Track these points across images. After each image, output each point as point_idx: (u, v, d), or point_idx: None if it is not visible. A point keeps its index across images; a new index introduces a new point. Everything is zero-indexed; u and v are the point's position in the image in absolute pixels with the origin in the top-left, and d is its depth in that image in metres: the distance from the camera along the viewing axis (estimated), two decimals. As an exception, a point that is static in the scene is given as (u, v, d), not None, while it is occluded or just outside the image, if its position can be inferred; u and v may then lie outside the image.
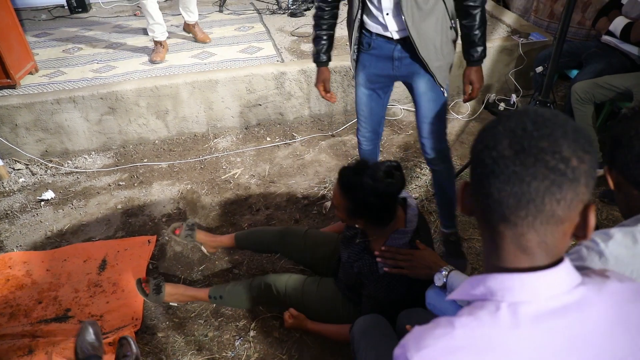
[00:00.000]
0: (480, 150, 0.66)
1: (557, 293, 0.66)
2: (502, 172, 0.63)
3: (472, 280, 0.73)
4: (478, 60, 1.81)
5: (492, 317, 0.66)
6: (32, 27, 4.00)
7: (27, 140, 2.95)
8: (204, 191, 2.69)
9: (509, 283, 0.67)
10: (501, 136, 0.64)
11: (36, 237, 2.45)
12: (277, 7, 4.20)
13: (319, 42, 1.94)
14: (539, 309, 0.65)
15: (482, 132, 0.68)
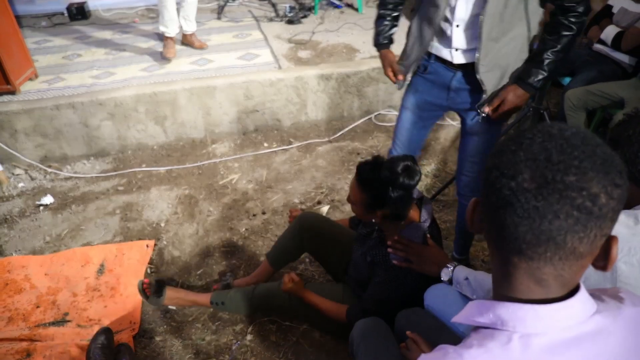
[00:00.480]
0: (496, 177, 0.60)
1: (571, 324, 0.63)
2: (521, 207, 0.58)
3: (479, 306, 0.70)
4: (530, 85, 1.55)
5: (503, 350, 0.62)
6: (32, 33, 4.03)
7: (27, 145, 2.97)
8: (202, 196, 2.72)
9: (522, 314, 0.63)
10: (522, 165, 0.58)
11: (35, 242, 2.47)
12: (274, 15, 4.25)
13: (382, 22, 1.78)
14: (552, 340, 0.62)
15: (500, 156, 0.61)
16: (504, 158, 0.61)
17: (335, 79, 3.21)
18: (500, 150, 0.62)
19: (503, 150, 0.62)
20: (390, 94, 3.38)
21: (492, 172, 0.62)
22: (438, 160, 2.93)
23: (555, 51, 1.50)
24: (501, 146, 0.62)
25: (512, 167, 0.59)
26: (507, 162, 0.60)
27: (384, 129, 3.27)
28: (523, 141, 0.60)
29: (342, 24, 4.04)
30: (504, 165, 0.60)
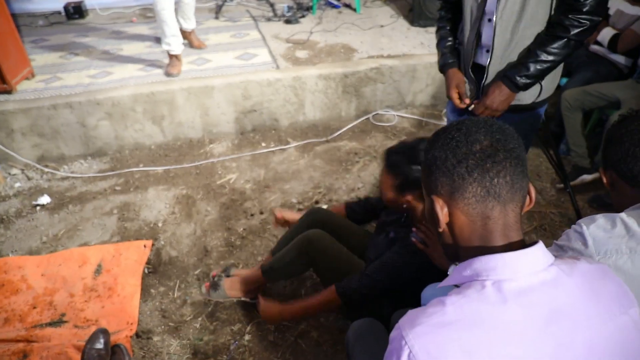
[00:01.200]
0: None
1: (535, 270, 0.75)
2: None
3: (460, 267, 0.81)
4: (513, 84, 1.54)
5: (479, 294, 0.73)
6: (29, 32, 4.02)
7: (24, 145, 2.96)
8: (200, 196, 2.72)
9: (492, 263, 0.76)
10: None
11: (32, 242, 2.46)
12: (272, 15, 4.25)
13: (444, 42, 1.83)
14: (520, 285, 0.73)
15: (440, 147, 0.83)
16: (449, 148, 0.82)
17: (333, 79, 3.21)
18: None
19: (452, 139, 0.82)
20: (388, 94, 3.38)
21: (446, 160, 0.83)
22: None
23: (545, 51, 1.48)
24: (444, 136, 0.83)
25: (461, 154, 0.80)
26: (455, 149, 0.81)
27: (382, 129, 3.28)
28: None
29: (340, 24, 4.05)
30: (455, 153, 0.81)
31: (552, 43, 1.47)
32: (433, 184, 0.83)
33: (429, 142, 0.86)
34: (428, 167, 0.84)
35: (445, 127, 0.85)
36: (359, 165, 2.91)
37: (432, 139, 0.85)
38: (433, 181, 0.82)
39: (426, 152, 0.85)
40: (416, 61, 3.30)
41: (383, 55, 3.42)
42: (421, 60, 3.30)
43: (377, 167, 2.88)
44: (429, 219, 0.88)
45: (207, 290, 2.04)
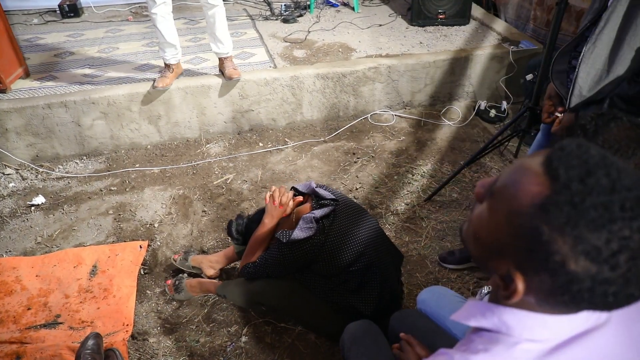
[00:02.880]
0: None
1: (572, 330, 0.64)
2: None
3: (482, 308, 0.69)
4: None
5: (509, 355, 0.64)
6: (23, 31, 3.98)
7: (18, 145, 2.93)
8: (196, 196, 2.69)
9: (530, 323, 0.64)
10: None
11: (26, 243, 2.43)
12: (270, 13, 4.22)
13: None
14: (555, 343, 0.64)
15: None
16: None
17: (331, 79, 3.19)
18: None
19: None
20: (386, 94, 3.37)
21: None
22: (434, 160, 2.92)
23: (621, 97, 1.35)
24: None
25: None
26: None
27: (380, 129, 3.26)
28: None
29: (338, 22, 4.02)
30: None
31: (633, 90, 1.33)
32: (531, 269, 0.59)
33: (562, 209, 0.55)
34: (541, 254, 0.57)
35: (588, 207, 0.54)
36: (357, 166, 2.89)
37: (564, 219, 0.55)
38: (534, 268, 0.59)
39: (550, 232, 0.56)
40: (415, 60, 3.28)
41: (381, 55, 3.40)
42: (420, 60, 3.29)
43: (375, 167, 2.87)
44: (477, 260, 0.70)
45: (170, 290, 2.08)
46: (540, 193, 0.56)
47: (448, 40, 3.62)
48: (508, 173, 0.63)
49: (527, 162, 0.61)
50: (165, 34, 2.80)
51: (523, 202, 0.58)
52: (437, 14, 3.86)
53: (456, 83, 3.44)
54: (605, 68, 1.36)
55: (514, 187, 0.60)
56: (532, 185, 0.57)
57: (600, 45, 1.35)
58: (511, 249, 0.61)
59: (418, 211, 2.51)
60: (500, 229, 0.62)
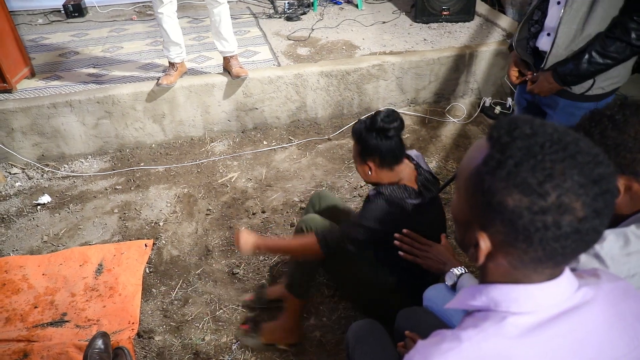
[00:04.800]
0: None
1: (559, 301, 0.68)
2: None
3: (472, 290, 0.73)
4: (560, 78, 1.57)
5: (498, 329, 0.67)
6: (28, 31, 4.00)
7: (24, 144, 2.94)
8: (201, 195, 2.70)
9: (515, 294, 0.68)
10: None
11: (32, 242, 2.44)
12: (273, 12, 4.22)
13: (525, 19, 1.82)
14: (542, 317, 0.67)
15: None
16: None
17: (335, 76, 3.19)
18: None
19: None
20: (390, 92, 3.36)
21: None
22: (439, 157, 2.91)
23: (600, 53, 1.43)
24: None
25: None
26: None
27: (384, 126, 3.25)
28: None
29: (342, 20, 4.01)
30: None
31: (610, 46, 1.41)
32: (488, 221, 0.66)
33: (493, 158, 0.64)
34: (487, 201, 0.65)
35: (522, 155, 0.62)
36: (362, 163, 2.89)
37: (506, 171, 0.63)
38: (489, 220, 0.66)
39: (489, 177, 0.64)
40: (419, 57, 3.27)
41: (385, 52, 3.39)
42: (424, 57, 3.27)
43: (379, 165, 2.86)
44: (460, 242, 0.77)
45: (244, 332, 1.93)
46: (482, 153, 0.67)
47: (452, 36, 3.61)
48: (465, 155, 0.74)
49: (477, 141, 0.72)
50: (170, 33, 2.80)
51: (471, 166, 0.68)
52: (441, 11, 3.84)
53: (461, 80, 3.43)
54: (580, 27, 1.47)
55: (467, 159, 0.71)
56: (478, 151, 0.68)
57: (576, 7, 1.46)
58: (472, 212, 0.69)
59: (423, 209, 2.50)
60: (462, 199, 0.71)
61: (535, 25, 1.65)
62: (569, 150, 0.61)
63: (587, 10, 1.45)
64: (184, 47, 2.95)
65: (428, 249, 1.49)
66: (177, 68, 2.99)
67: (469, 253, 0.73)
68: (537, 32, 1.65)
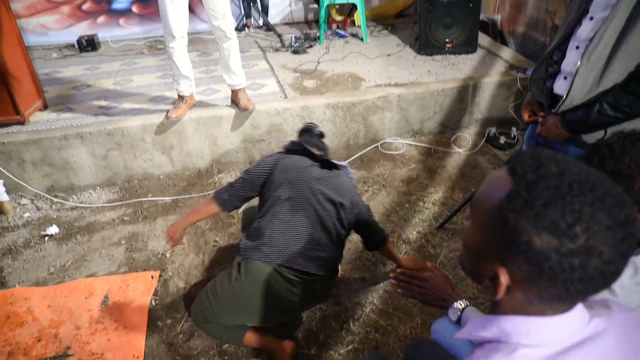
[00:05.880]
0: None
1: (571, 334, 0.68)
2: None
3: (482, 321, 0.73)
4: (568, 125, 1.52)
5: None
6: (43, 65, 4.11)
7: (34, 175, 2.98)
8: (208, 226, 2.70)
9: (526, 327, 0.68)
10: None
11: (39, 273, 2.44)
12: (280, 45, 4.32)
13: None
14: (553, 350, 0.66)
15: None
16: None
17: (341, 108, 3.23)
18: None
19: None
20: (396, 122, 3.39)
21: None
22: (445, 188, 2.91)
23: (612, 106, 1.38)
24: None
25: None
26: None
27: (390, 157, 3.27)
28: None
29: (347, 53, 4.10)
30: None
31: (623, 99, 1.37)
32: (509, 257, 0.66)
33: (521, 196, 0.63)
34: (511, 239, 0.64)
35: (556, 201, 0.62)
36: (368, 194, 2.89)
37: (536, 210, 0.62)
38: (511, 256, 0.65)
39: (514, 215, 0.64)
40: (424, 89, 3.32)
41: (390, 84, 3.44)
42: (429, 88, 3.32)
43: (385, 196, 2.86)
44: (470, 270, 0.77)
45: None
46: (504, 188, 0.66)
47: (456, 68, 3.66)
48: (483, 184, 0.73)
49: (495, 171, 0.72)
50: (180, 67, 2.87)
51: (493, 199, 0.67)
52: (444, 43, 3.91)
53: (465, 110, 3.46)
54: (597, 80, 1.44)
55: (486, 190, 0.70)
56: (499, 184, 0.68)
57: (593, 60, 1.42)
58: (490, 245, 0.68)
59: (430, 239, 2.49)
60: (480, 230, 0.70)
61: (554, 66, 1.59)
62: (596, 192, 0.61)
63: (604, 64, 1.40)
64: (193, 80, 3.01)
65: (425, 285, 1.45)
66: (186, 101, 3.04)
67: (482, 284, 0.72)
68: (554, 72, 1.59)
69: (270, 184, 1.93)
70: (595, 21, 1.43)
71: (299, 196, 1.86)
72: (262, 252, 1.76)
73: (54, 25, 4.68)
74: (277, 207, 1.85)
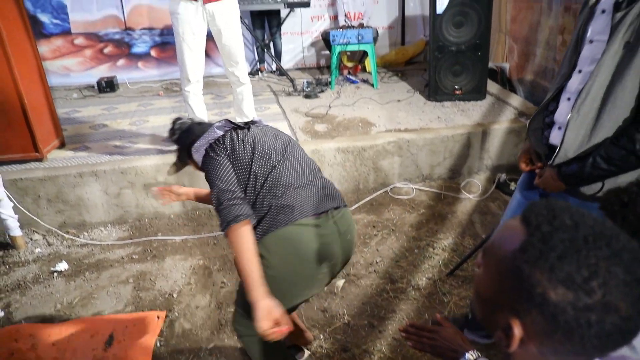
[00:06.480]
0: None
1: None
2: None
3: None
4: (563, 178, 1.51)
5: None
6: (63, 104, 4.25)
7: (48, 211, 3.02)
8: (216, 267, 2.69)
9: None
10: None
11: (45, 309, 2.44)
12: (292, 89, 4.44)
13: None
14: None
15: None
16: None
17: (352, 152, 3.27)
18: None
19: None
20: (405, 167, 3.42)
21: None
22: (455, 234, 2.90)
23: (605, 159, 1.40)
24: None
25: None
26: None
27: (400, 202, 3.27)
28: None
29: (358, 98, 4.19)
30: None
31: (614, 153, 1.38)
32: (523, 310, 0.65)
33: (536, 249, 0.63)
34: (526, 290, 0.63)
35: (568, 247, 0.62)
36: (377, 239, 2.88)
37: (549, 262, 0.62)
38: (525, 309, 0.64)
39: (528, 267, 0.63)
40: (433, 135, 3.36)
41: (400, 129, 3.50)
42: (438, 134, 3.37)
43: (395, 241, 2.85)
44: (482, 320, 0.76)
45: None
46: (518, 238, 0.66)
47: (465, 114, 3.72)
48: (495, 233, 0.73)
49: (508, 220, 0.72)
50: (195, 110, 2.95)
51: (507, 249, 0.67)
52: (453, 90, 4.00)
53: (475, 156, 3.49)
54: (588, 133, 1.46)
55: (500, 240, 0.70)
56: (512, 234, 0.67)
57: (583, 113, 1.45)
58: (504, 295, 0.67)
59: (440, 286, 2.46)
60: (493, 280, 0.70)
61: (550, 116, 1.62)
62: (612, 247, 0.61)
63: (595, 117, 1.42)
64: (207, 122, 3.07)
65: (435, 336, 1.42)
66: None
67: (494, 335, 0.71)
68: (551, 122, 1.62)
69: (246, 169, 1.63)
70: (584, 74, 1.48)
71: (274, 158, 1.64)
72: (290, 216, 1.54)
73: (76, 67, 4.88)
74: (270, 182, 1.60)
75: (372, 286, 2.48)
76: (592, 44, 1.43)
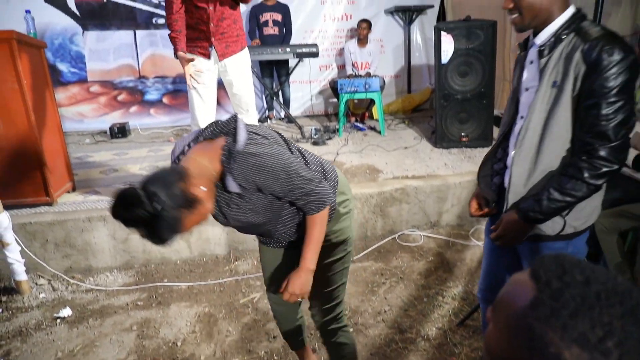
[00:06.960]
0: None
1: None
2: None
3: None
4: (525, 216, 1.50)
5: None
6: (76, 149, 4.34)
7: (55, 255, 3.02)
8: (222, 315, 2.65)
9: None
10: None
11: (46, 358, 2.38)
12: (301, 136, 4.51)
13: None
14: None
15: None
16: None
17: (359, 199, 3.28)
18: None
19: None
20: (413, 214, 3.41)
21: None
22: (465, 282, 2.84)
23: (558, 190, 1.44)
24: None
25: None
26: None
27: (408, 249, 3.24)
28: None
29: (366, 145, 4.24)
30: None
31: (566, 183, 1.44)
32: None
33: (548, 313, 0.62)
34: (539, 349, 0.62)
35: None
36: (385, 287, 2.83)
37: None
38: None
39: (539, 324, 0.62)
40: (441, 182, 3.37)
41: (408, 176, 3.51)
42: (446, 181, 3.38)
43: (404, 289, 2.80)
44: None
45: None
46: (528, 294, 0.64)
47: (472, 161, 3.74)
48: (504, 288, 0.71)
49: (517, 275, 0.70)
50: None
51: (516, 306, 0.65)
52: (460, 137, 4.04)
53: (483, 204, 3.47)
54: (532, 166, 1.54)
55: (509, 295, 0.69)
56: (522, 290, 0.66)
57: (525, 149, 1.53)
58: (516, 353, 0.65)
59: (450, 337, 2.39)
60: (503, 336, 0.67)
61: (498, 163, 1.69)
62: (626, 304, 0.59)
63: (536, 151, 1.52)
64: None
65: None
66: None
67: None
68: (499, 169, 1.69)
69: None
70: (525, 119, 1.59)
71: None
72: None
73: (90, 113, 5.02)
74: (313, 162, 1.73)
75: (381, 336, 2.42)
76: (528, 91, 1.56)
